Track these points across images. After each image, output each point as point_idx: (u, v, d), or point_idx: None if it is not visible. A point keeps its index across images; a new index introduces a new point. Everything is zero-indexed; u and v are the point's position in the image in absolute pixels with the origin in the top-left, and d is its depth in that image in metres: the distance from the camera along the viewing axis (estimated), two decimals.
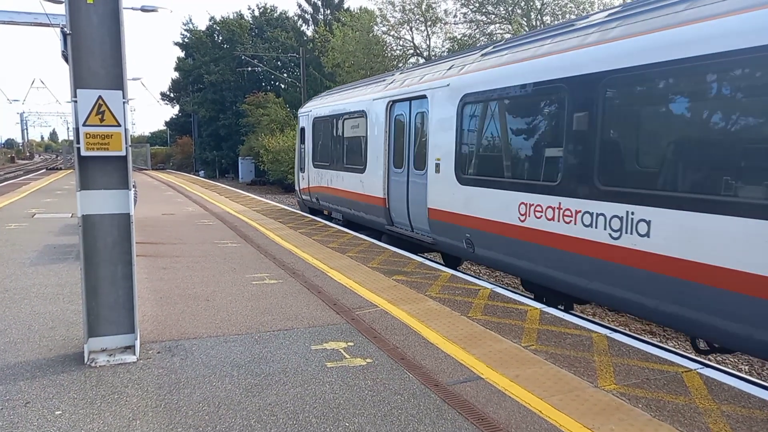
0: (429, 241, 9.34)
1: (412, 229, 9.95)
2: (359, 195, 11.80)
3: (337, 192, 13.17)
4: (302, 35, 47.01)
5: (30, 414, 3.68)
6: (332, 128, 13.62)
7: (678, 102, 5.18)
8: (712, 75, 4.81)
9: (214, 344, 4.99)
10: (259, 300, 6.41)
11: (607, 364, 4.58)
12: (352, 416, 3.71)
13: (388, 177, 10.62)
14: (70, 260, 8.38)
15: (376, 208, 11.00)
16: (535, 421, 3.66)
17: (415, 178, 9.62)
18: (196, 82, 49.43)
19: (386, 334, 5.30)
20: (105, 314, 4.57)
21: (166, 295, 6.58)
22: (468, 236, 8.05)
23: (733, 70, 4.67)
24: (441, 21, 28.89)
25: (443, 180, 8.58)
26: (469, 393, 4.06)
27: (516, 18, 25.67)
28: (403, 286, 7.01)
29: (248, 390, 4.08)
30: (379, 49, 29.79)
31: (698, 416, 3.71)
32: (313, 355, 4.78)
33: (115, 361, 4.51)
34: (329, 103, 14.24)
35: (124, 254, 4.57)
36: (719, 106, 4.82)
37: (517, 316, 5.85)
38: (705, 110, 4.94)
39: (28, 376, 4.26)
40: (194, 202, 17.60)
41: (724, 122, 4.75)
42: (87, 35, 4.24)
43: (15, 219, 12.81)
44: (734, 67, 4.64)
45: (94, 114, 4.31)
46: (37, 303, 6.17)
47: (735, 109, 4.68)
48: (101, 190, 4.45)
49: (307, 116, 15.55)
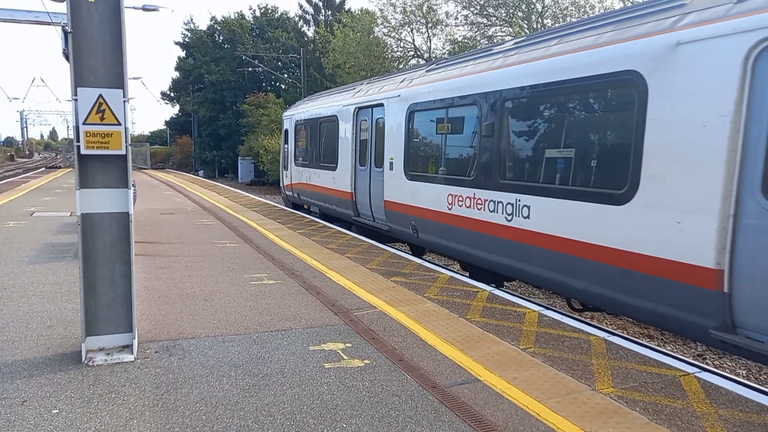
0: (385, 229, 10.84)
1: (373, 219, 11.39)
2: (332, 190, 13.36)
3: (315, 188, 14.72)
4: (303, 36, 47.02)
5: (27, 413, 3.68)
6: (310, 131, 15.30)
7: (542, 117, 6.91)
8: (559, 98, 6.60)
9: (212, 344, 4.99)
10: (257, 300, 6.41)
11: (605, 367, 4.58)
12: (349, 417, 3.71)
13: (355, 174, 12.12)
14: (68, 259, 8.38)
15: (346, 201, 12.50)
16: (533, 423, 3.66)
17: (375, 175, 11.12)
18: (197, 82, 49.45)
19: (384, 335, 5.30)
20: (103, 313, 4.56)
21: (165, 294, 6.57)
22: (413, 223, 9.66)
23: (573, 95, 6.43)
24: (442, 23, 28.92)
25: (395, 176, 10.13)
26: (466, 395, 4.06)
27: (517, 21, 25.71)
28: (401, 288, 7.00)
29: (246, 390, 4.08)
30: (380, 51, 29.81)
31: (696, 420, 3.71)
32: (311, 355, 4.78)
33: (112, 360, 4.50)
34: (308, 108, 15.89)
35: (123, 253, 4.56)
36: (565, 121, 6.55)
37: (515, 318, 5.86)
38: (557, 124, 6.66)
39: (26, 374, 4.26)
40: (193, 202, 17.59)
41: (570, 133, 6.46)
42: (88, 34, 4.24)
43: (14, 217, 12.80)
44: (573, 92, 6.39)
45: (95, 112, 4.31)
46: (35, 301, 6.17)
47: (576, 124, 6.43)
48: (101, 189, 4.45)
49: (290, 120, 17.32)
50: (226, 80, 45.86)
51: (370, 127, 11.45)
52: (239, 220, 13.21)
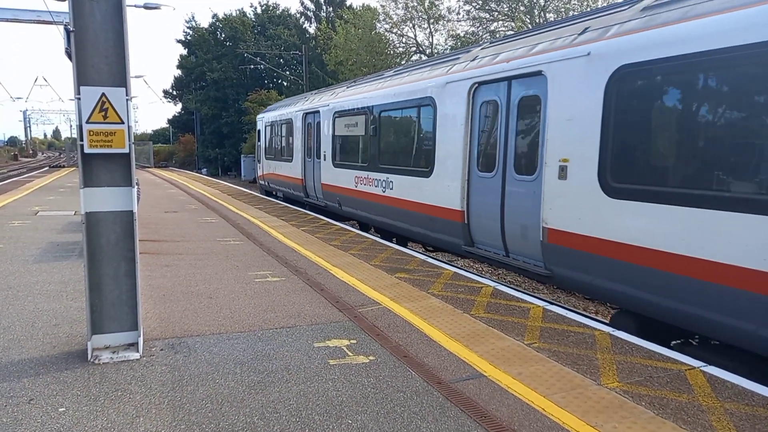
0: (322, 205, 14.43)
1: (317, 198, 14.86)
2: (290, 178, 17.24)
3: (279, 177, 18.73)
4: (305, 33, 46.98)
5: (34, 411, 3.70)
6: (275, 131, 19.45)
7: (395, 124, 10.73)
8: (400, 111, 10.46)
9: (217, 341, 5.00)
10: (261, 297, 6.42)
11: (610, 361, 4.58)
12: (354, 414, 3.72)
13: (304, 164, 15.87)
14: (73, 257, 8.40)
15: (299, 186, 16.35)
16: (538, 418, 3.66)
17: (316, 165, 14.68)
18: (199, 80, 49.45)
19: (389, 331, 5.30)
20: (108, 311, 4.58)
21: (169, 292, 6.59)
22: (338, 199, 13.20)
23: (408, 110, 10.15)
24: (444, 18, 28.84)
25: (327, 165, 13.72)
26: (471, 390, 4.06)
27: (519, 15, 25.60)
28: (405, 284, 7.01)
29: (251, 387, 4.09)
30: (382, 47, 29.78)
31: (701, 414, 3.70)
32: (316, 352, 4.79)
33: (118, 358, 4.52)
34: (274, 113, 20.10)
35: (128, 251, 4.57)
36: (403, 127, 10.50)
37: (519, 313, 5.85)
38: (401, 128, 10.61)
39: (32, 373, 4.28)
40: (197, 200, 17.61)
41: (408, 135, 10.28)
42: (90, 32, 4.24)
43: (18, 216, 12.84)
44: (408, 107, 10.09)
45: (98, 111, 4.32)
46: (40, 300, 6.19)
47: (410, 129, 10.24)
48: (104, 188, 4.46)
49: (262, 121, 21.83)
50: (228, 78, 45.86)
51: (312, 128, 15.08)
52: (243, 218, 13.23)
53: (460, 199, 8.27)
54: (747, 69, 4.48)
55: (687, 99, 5.12)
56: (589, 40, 6.18)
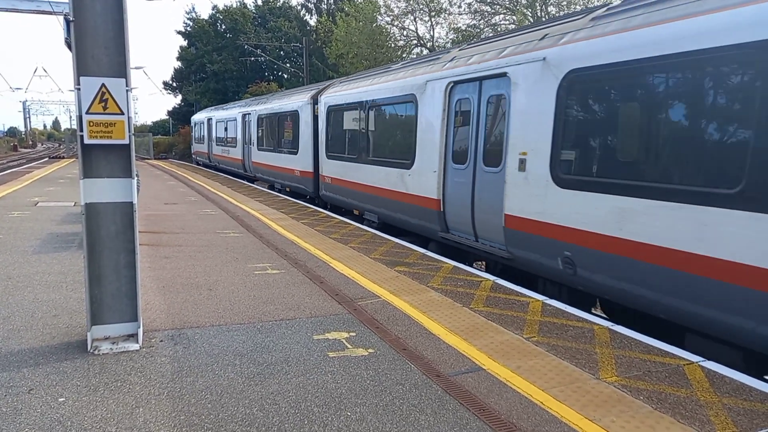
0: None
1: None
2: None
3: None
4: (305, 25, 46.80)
5: (33, 401, 3.71)
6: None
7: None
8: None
9: (217, 333, 5.01)
10: (261, 290, 6.43)
11: (609, 356, 4.59)
12: (353, 406, 3.73)
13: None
14: (73, 248, 8.40)
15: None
16: (537, 412, 3.67)
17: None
18: (199, 72, 49.34)
19: (388, 324, 5.31)
20: (108, 302, 4.58)
21: (169, 284, 6.59)
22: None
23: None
24: (445, 11, 28.72)
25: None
26: (470, 384, 4.07)
27: (520, 9, 25.50)
28: (405, 277, 7.01)
29: (251, 379, 4.10)
30: (383, 40, 29.66)
31: (699, 409, 3.71)
32: (315, 344, 4.80)
33: (118, 349, 4.53)
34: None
35: (127, 243, 4.57)
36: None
37: (519, 307, 5.86)
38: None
39: (32, 363, 4.29)
40: (196, 192, 17.60)
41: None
42: (90, 22, 4.22)
43: (18, 207, 12.83)
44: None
45: (98, 102, 4.30)
46: (40, 291, 6.20)
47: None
48: (104, 179, 4.45)
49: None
50: (228, 70, 45.75)
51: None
52: (242, 210, 13.22)
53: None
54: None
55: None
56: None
